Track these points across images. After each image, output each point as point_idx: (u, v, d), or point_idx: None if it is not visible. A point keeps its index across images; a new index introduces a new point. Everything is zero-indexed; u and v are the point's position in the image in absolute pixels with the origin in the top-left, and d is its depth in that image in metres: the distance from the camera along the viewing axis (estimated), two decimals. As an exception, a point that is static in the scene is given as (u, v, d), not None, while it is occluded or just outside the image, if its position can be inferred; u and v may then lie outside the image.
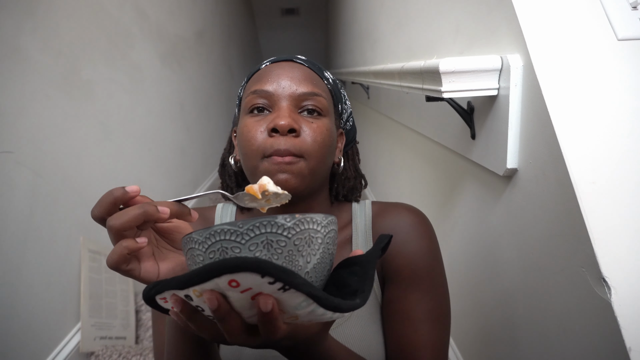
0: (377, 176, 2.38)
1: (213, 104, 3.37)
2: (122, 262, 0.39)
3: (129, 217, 0.38)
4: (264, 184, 0.46)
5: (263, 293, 0.31)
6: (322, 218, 0.37)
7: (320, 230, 0.37)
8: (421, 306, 0.60)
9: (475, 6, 0.85)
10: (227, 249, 0.34)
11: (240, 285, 0.30)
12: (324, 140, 0.58)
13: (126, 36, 1.88)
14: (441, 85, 0.71)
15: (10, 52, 1.14)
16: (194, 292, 0.32)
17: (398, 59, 1.58)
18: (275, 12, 6.35)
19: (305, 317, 0.35)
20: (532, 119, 0.66)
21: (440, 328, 0.60)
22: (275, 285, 0.30)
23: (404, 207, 0.67)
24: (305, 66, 0.63)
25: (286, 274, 0.30)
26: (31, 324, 1.13)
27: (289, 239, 0.35)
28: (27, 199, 1.15)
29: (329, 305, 0.32)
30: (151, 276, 0.42)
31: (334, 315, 0.35)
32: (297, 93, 0.59)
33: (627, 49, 0.62)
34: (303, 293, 0.31)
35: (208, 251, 0.35)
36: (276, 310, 0.32)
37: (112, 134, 1.67)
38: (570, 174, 0.56)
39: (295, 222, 0.35)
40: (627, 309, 0.50)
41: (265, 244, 0.34)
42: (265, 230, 0.34)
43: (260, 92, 0.59)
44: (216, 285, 0.31)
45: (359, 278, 0.39)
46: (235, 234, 0.34)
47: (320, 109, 0.60)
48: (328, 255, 0.39)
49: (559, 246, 0.61)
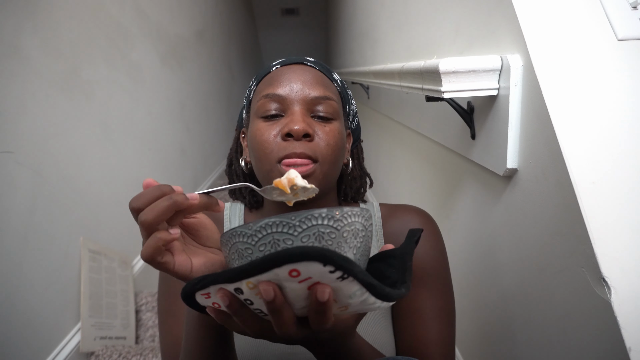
0: (377, 176, 2.38)
1: (213, 104, 3.37)
2: (157, 254, 0.39)
3: (160, 210, 0.38)
4: (292, 178, 0.46)
5: (320, 283, 0.32)
6: (362, 211, 0.39)
7: (363, 222, 0.39)
8: (431, 304, 0.62)
9: (475, 6, 0.85)
10: (279, 241, 0.35)
11: (301, 274, 0.31)
12: (336, 144, 0.59)
13: (126, 36, 1.88)
14: (441, 85, 0.71)
15: (10, 52, 1.14)
16: (247, 285, 0.32)
17: (398, 59, 1.58)
18: (275, 12, 6.35)
19: (356, 307, 0.36)
20: (532, 119, 0.66)
21: (449, 325, 0.62)
22: (335, 274, 0.31)
23: (412, 209, 0.69)
24: (315, 69, 0.63)
25: (348, 263, 0.31)
26: (31, 324, 1.13)
27: (338, 231, 0.36)
28: (27, 199, 1.15)
29: (381, 294, 0.33)
30: (185, 269, 0.41)
31: (382, 305, 0.36)
32: (309, 97, 0.59)
33: (627, 49, 0.62)
34: (359, 282, 0.32)
35: (258, 244, 0.35)
36: (331, 300, 0.33)
37: (112, 134, 1.67)
38: (570, 174, 0.56)
39: (343, 214, 0.36)
40: (627, 309, 0.50)
41: (317, 236, 0.35)
42: (317, 223, 0.35)
43: (272, 96, 0.59)
44: (275, 275, 0.31)
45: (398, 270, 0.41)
46: (287, 226, 0.35)
47: (332, 113, 0.60)
48: (367, 247, 0.41)
49: (559, 246, 0.61)
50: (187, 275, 0.42)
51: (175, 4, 2.59)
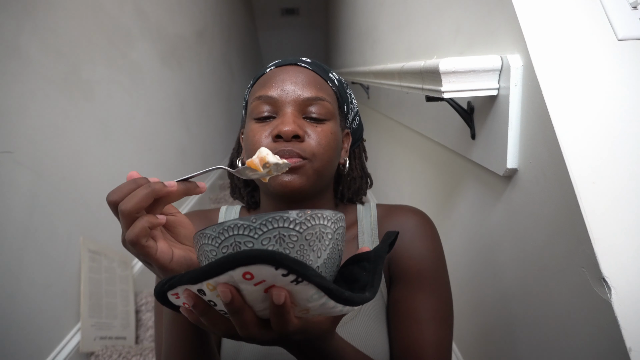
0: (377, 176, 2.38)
1: (213, 104, 3.37)
2: (142, 236, 0.39)
3: (139, 198, 0.38)
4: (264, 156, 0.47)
5: (276, 285, 0.32)
6: (332, 214, 0.38)
7: (330, 226, 0.38)
8: (427, 306, 0.61)
9: (475, 6, 0.85)
10: (240, 243, 0.35)
11: (255, 277, 0.31)
12: (329, 143, 0.59)
13: (126, 36, 1.88)
14: (441, 85, 0.71)
15: (10, 52, 1.14)
16: (207, 286, 0.33)
17: (398, 59, 1.58)
18: (275, 12, 6.34)
19: (317, 311, 0.36)
20: (532, 119, 0.66)
21: (445, 327, 0.61)
22: (288, 278, 0.31)
23: (409, 209, 0.68)
24: (309, 69, 0.63)
25: (300, 266, 0.31)
26: (31, 324, 1.13)
27: (300, 234, 0.36)
28: (27, 199, 1.15)
29: (340, 298, 0.33)
30: (166, 257, 0.42)
31: (345, 309, 0.36)
32: (301, 98, 0.59)
33: (627, 49, 0.62)
34: (315, 285, 0.32)
35: (221, 246, 0.36)
36: (288, 303, 0.33)
37: (112, 134, 1.67)
38: (570, 174, 0.56)
39: (306, 217, 0.36)
40: (627, 309, 0.50)
41: (278, 239, 0.35)
42: (278, 225, 0.35)
43: (264, 98, 0.59)
44: (230, 278, 0.31)
45: (368, 273, 0.40)
46: (248, 229, 0.35)
47: (325, 114, 0.60)
48: (337, 251, 0.40)
49: (559, 246, 0.61)
50: (167, 263, 0.42)
51: (175, 4, 2.59)
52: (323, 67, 0.66)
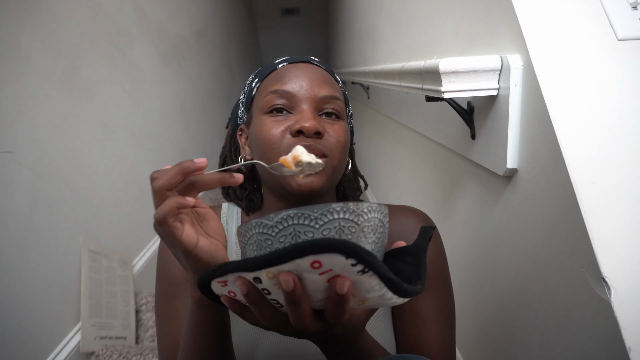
0: (377, 176, 2.38)
1: (213, 104, 3.37)
2: (170, 215, 0.39)
3: (170, 174, 0.39)
4: (297, 155, 0.46)
5: (341, 275, 0.32)
6: (380, 207, 0.39)
7: (382, 219, 0.39)
8: (431, 304, 0.62)
9: (475, 6, 0.85)
10: (300, 232, 0.35)
11: (323, 266, 0.31)
12: (346, 141, 0.60)
13: (126, 36, 1.88)
14: (441, 85, 0.71)
15: (10, 52, 1.14)
16: (267, 274, 0.33)
17: (398, 59, 1.58)
18: (275, 12, 6.34)
19: (374, 301, 0.36)
20: (532, 119, 0.66)
21: (449, 325, 0.62)
22: (356, 268, 0.31)
23: (410, 210, 0.69)
24: (322, 68, 0.63)
25: (370, 257, 0.31)
26: (31, 324, 1.13)
27: (358, 225, 0.36)
28: (27, 199, 1.15)
29: (399, 290, 0.34)
30: (191, 240, 0.41)
31: (399, 300, 0.36)
32: (318, 96, 0.59)
33: (627, 49, 0.62)
34: (379, 276, 0.32)
35: (279, 235, 0.36)
36: (349, 293, 0.33)
37: (112, 134, 1.67)
38: (570, 174, 0.56)
39: (364, 209, 0.36)
40: (627, 309, 0.50)
41: (338, 229, 0.35)
42: (339, 216, 0.35)
43: (281, 92, 0.59)
44: (297, 266, 0.31)
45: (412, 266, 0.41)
46: (309, 219, 0.35)
47: (339, 112, 0.61)
48: (384, 243, 0.41)
49: (559, 246, 0.61)
50: (192, 248, 0.41)
51: (175, 4, 2.59)
52: (330, 68, 0.67)
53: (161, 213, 0.39)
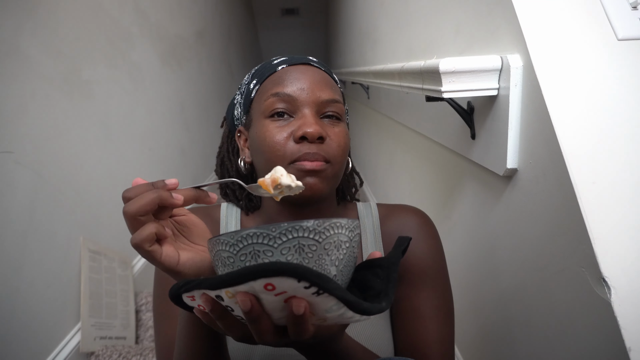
0: (377, 176, 2.38)
1: (213, 104, 3.37)
2: (146, 241, 0.39)
3: (144, 202, 0.39)
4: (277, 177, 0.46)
5: (296, 296, 0.32)
6: (349, 222, 0.39)
7: (347, 234, 0.38)
8: (430, 303, 0.62)
9: (475, 6, 0.85)
10: (259, 252, 0.35)
11: (276, 288, 0.31)
12: (346, 144, 0.60)
13: (126, 36, 1.88)
14: (441, 85, 0.71)
15: (10, 52, 1.14)
16: (226, 293, 0.33)
17: (398, 59, 1.58)
18: (275, 12, 6.34)
19: (334, 320, 0.36)
20: (532, 119, 0.66)
21: (448, 324, 0.62)
22: (310, 290, 0.31)
23: (410, 209, 0.69)
24: (322, 70, 0.63)
25: (322, 280, 0.31)
26: (31, 324, 1.13)
27: (319, 243, 0.36)
28: (27, 199, 1.15)
29: (358, 309, 0.33)
30: (171, 261, 0.42)
31: (361, 318, 0.36)
32: (320, 99, 0.58)
33: (627, 49, 0.62)
34: (335, 297, 0.32)
35: (239, 254, 0.36)
36: (307, 313, 0.33)
37: (112, 134, 1.67)
38: (570, 174, 0.56)
39: (325, 226, 0.36)
40: (627, 309, 0.50)
41: (297, 248, 0.35)
42: (297, 235, 0.35)
43: (282, 95, 0.58)
44: (251, 287, 0.32)
45: (383, 281, 0.40)
46: (267, 238, 0.35)
47: (340, 115, 0.60)
48: (352, 258, 0.40)
49: (559, 246, 0.61)
50: (173, 267, 0.42)
51: (175, 4, 2.59)
52: (329, 68, 0.66)
53: (137, 240, 0.39)
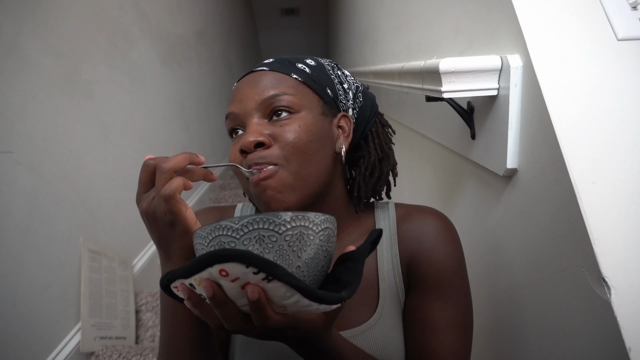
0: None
1: (213, 104, 3.37)
2: (179, 190, 0.44)
3: (179, 159, 0.45)
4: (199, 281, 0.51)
5: (250, 282, 0.34)
6: (316, 216, 0.40)
7: (313, 228, 0.40)
8: (443, 315, 0.59)
9: (475, 6, 0.85)
10: (224, 243, 0.38)
11: (230, 274, 0.33)
12: (299, 138, 0.54)
13: (126, 36, 1.88)
14: (441, 85, 0.71)
15: (10, 52, 1.14)
16: (195, 281, 0.35)
17: (398, 59, 1.58)
18: (275, 12, 6.34)
19: (293, 308, 0.37)
20: (532, 119, 0.66)
21: (463, 337, 0.59)
22: (259, 276, 0.33)
23: (430, 211, 0.66)
24: (266, 70, 0.59)
25: (268, 265, 0.32)
26: (31, 324, 1.13)
27: (279, 235, 0.38)
28: (27, 199, 1.15)
29: (312, 296, 0.35)
30: (191, 220, 0.46)
31: (321, 307, 0.37)
32: (258, 102, 0.56)
33: (627, 49, 0.62)
34: (285, 284, 0.33)
35: (209, 245, 0.39)
36: (263, 299, 0.34)
37: (112, 134, 1.67)
38: (570, 174, 0.56)
39: (285, 218, 0.38)
40: (627, 309, 0.50)
41: (258, 239, 0.37)
42: (258, 227, 0.37)
43: (230, 116, 0.59)
44: (210, 274, 0.34)
45: (350, 272, 0.42)
46: (231, 230, 0.38)
47: (292, 107, 0.55)
48: (323, 252, 0.41)
49: (558, 246, 0.61)
50: (192, 225, 0.46)
51: (175, 4, 2.59)
52: (288, 61, 0.60)
53: (170, 189, 0.43)
